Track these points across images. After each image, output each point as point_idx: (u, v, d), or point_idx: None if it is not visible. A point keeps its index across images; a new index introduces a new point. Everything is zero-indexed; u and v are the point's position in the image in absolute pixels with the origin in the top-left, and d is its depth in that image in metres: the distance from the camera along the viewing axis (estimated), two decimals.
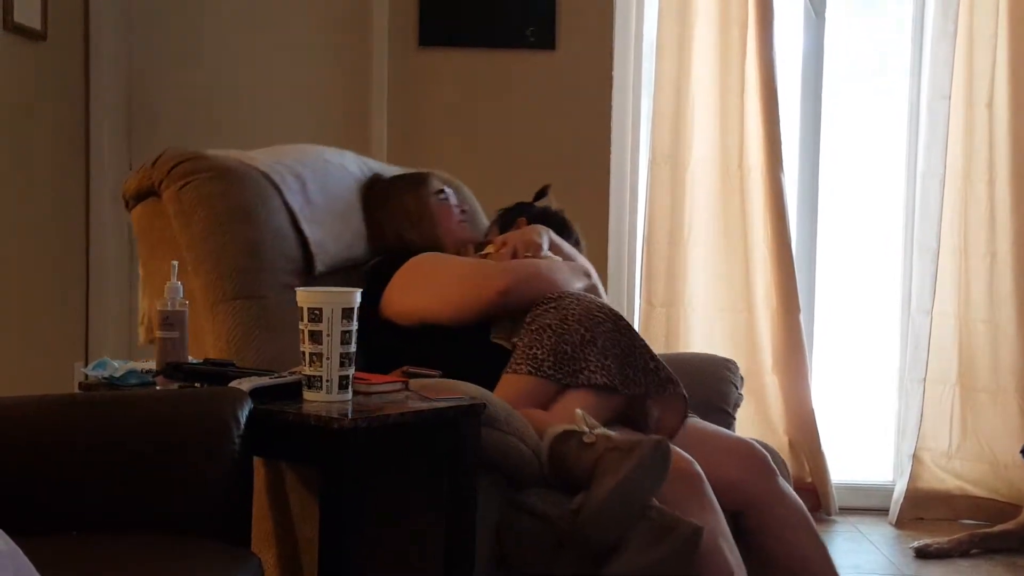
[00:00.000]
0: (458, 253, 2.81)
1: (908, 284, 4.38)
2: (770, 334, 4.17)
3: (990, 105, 4.13)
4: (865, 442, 4.58)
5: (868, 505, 4.33)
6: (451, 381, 2.25)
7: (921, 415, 4.20)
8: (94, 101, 4.06)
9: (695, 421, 2.64)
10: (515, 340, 2.52)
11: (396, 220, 2.80)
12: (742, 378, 3.05)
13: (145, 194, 2.58)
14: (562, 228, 2.93)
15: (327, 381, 1.99)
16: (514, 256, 2.69)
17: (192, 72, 4.20)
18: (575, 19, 4.12)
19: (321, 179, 2.76)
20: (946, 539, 3.78)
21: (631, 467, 2.07)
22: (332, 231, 2.70)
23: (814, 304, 4.42)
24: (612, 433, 2.20)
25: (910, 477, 4.19)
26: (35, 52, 3.74)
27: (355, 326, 2.02)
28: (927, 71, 4.26)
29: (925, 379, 4.19)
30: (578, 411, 2.25)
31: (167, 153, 2.58)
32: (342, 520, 1.90)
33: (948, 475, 4.23)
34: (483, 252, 2.78)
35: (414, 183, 2.87)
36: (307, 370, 2.01)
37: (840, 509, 4.24)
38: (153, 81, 4.19)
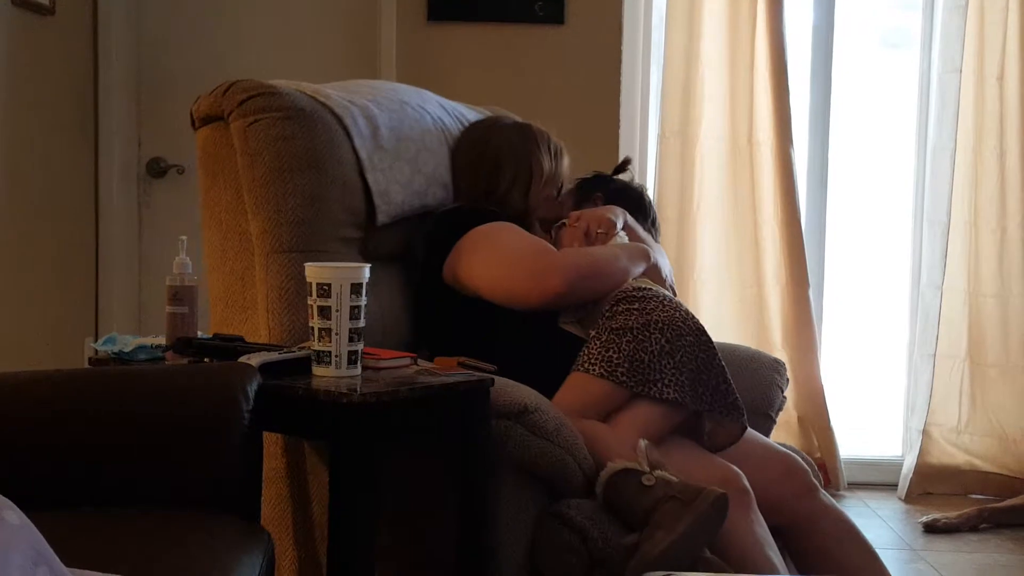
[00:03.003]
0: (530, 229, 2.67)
1: (918, 259, 4.37)
2: (779, 309, 4.16)
3: (1001, 78, 4.10)
4: (874, 417, 4.58)
5: (877, 480, 4.34)
6: (506, 381, 2.18)
7: (931, 390, 4.20)
8: (103, 76, 4.06)
9: None
10: (590, 331, 2.43)
11: (502, 169, 2.67)
12: (788, 380, 2.97)
13: (214, 118, 2.47)
14: (639, 207, 2.83)
15: (336, 356, 2.00)
16: (586, 234, 2.60)
17: (201, 46, 4.19)
18: None
19: (396, 122, 2.63)
20: (955, 514, 3.78)
21: (688, 523, 2.02)
22: (401, 178, 2.59)
23: (824, 279, 4.41)
24: (672, 478, 2.13)
25: (919, 452, 4.20)
26: (43, 27, 3.73)
27: (364, 301, 2.02)
28: (938, 44, 4.24)
29: (935, 354, 4.19)
30: (641, 443, 2.18)
31: (239, 84, 2.44)
32: (352, 494, 1.91)
33: (957, 450, 4.23)
34: (557, 225, 2.70)
35: (546, 154, 2.72)
36: (316, 345, 2.01)
37: (849, 484, 4.25)
38: (162, 56, 4.18)
